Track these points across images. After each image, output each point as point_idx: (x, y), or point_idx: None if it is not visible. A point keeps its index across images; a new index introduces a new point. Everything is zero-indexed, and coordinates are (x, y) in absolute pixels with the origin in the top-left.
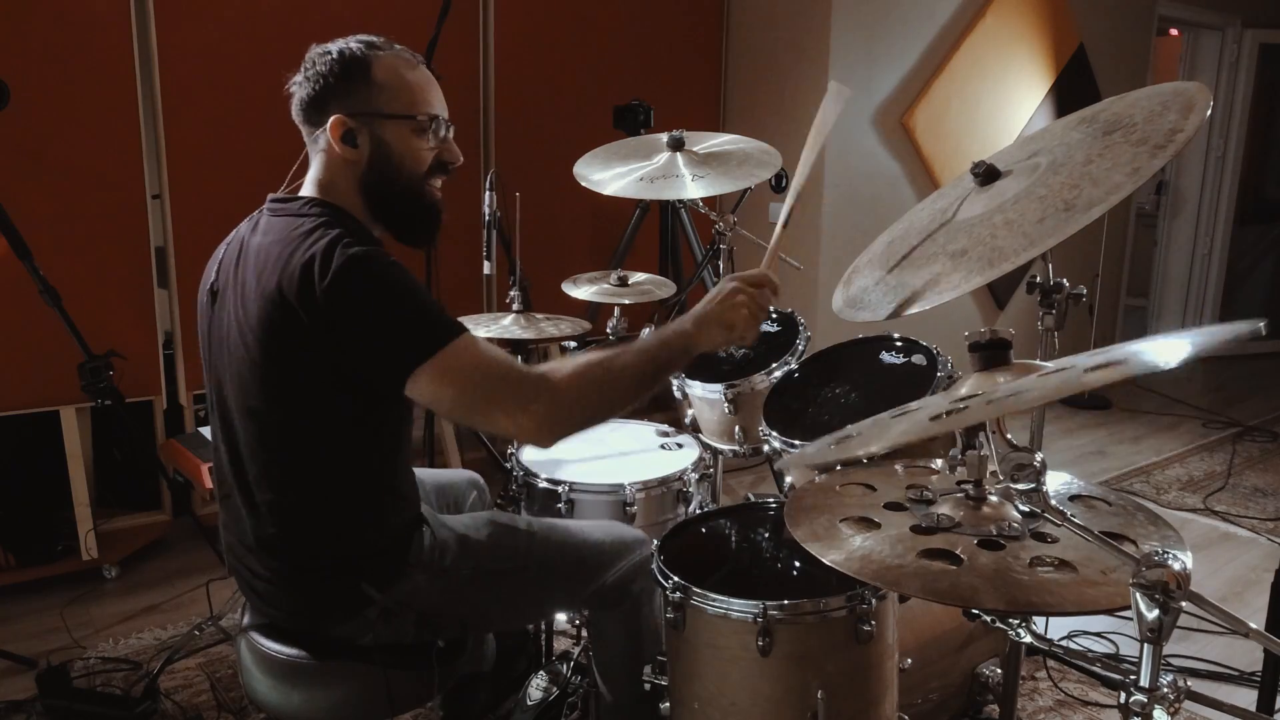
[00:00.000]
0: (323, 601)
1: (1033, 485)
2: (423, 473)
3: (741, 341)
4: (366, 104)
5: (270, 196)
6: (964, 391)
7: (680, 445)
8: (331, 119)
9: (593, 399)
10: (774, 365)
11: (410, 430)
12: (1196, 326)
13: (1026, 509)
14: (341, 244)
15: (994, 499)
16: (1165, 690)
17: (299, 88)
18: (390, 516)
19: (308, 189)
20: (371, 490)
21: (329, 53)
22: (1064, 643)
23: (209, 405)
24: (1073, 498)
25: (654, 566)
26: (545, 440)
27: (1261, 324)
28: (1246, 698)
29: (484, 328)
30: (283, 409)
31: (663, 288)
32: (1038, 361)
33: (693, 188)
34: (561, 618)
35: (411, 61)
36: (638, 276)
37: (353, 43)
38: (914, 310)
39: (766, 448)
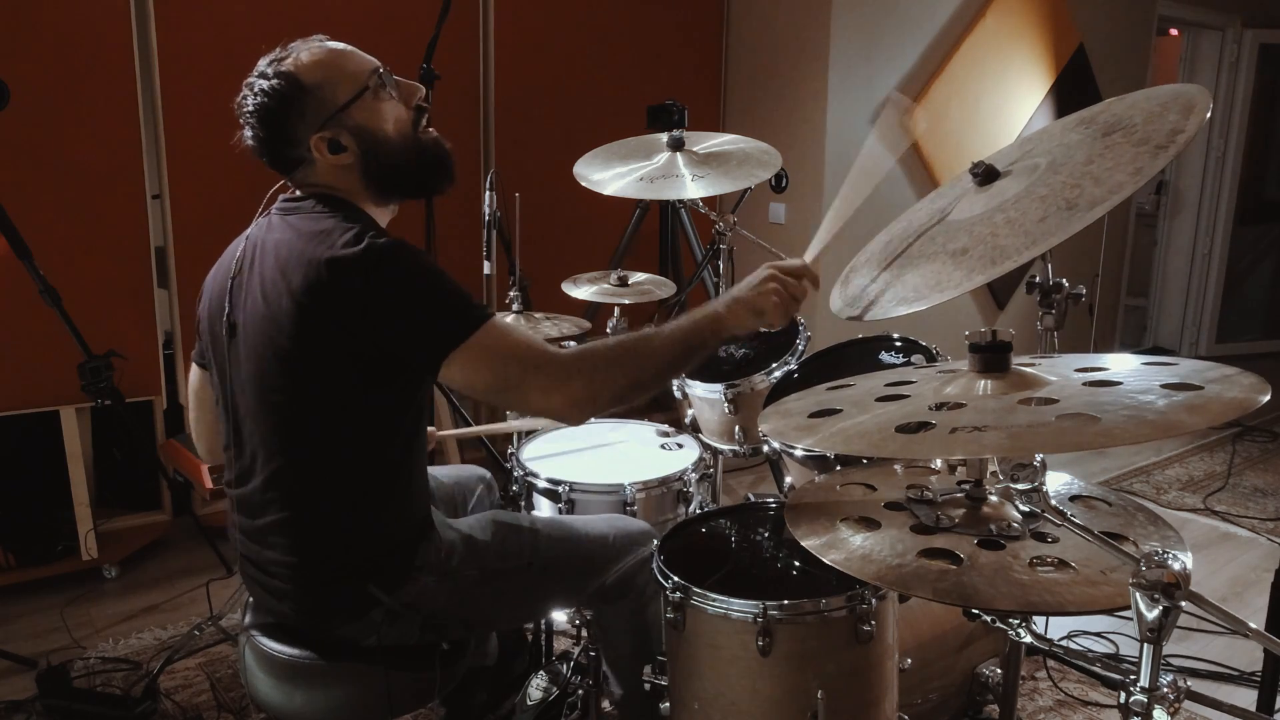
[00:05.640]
0: (330, 601)
1: (1032, 485)
2: (432, 470)
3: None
4: (323, 110)
5: (282, 197)
6: (961, 398)
7: (680, 445)
8: (312, 142)
9: (622, 379)
10: (774, 365)
11: (425, 433)
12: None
13: (1026, 509)
14: (369, 236)
15: (994, 499)
16: (1165, 690)
17: (254, 142)
18: (402, 518)
19: (313, 190)
20: (386, 491)
21: (257, 98)
22: (1064, 643)
23: (220, 403)
24: (1073, 498)
25: (654, 566)
26: (575, 418)
27: None
28: (1246, 698)
29: None
30: (307, 402)
31: (663, 288)
32: (1039, 374)
33: (693, 188)
34: (561, 618)
35: (318, 44)
36: (638, 276)
37: (264, 71)
38: (905, 310)
39: (766, 448)
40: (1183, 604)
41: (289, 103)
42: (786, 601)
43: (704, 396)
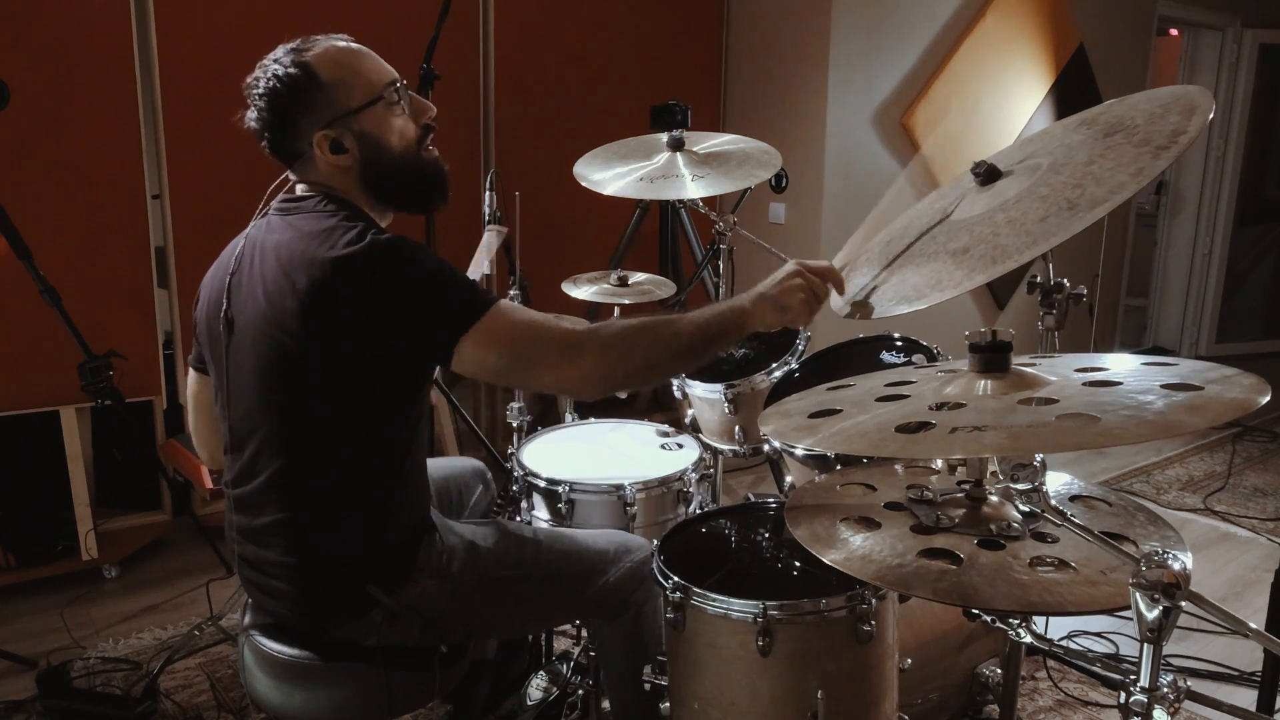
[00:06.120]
0: (330, 602)
1: (1032, 485)
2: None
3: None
4: (333, 109)
5: (281, 195)
6: (961, 398)
7: (680, 445)
8: (315, 139)
9: (638, 359)
10: (774, 365)
11: (424, 434)
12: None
13: (1026, 509)
14: (371, 233)
15: (994, 499)
16: (1165, 690)
17: (257, 124)
18: (401, 519)
19: (312, 189)
20: (386, 492)
21: (269, 80)
22: (1064, 643)
23: (218, 403)
24: (1073, 498)
25: (654, 566)
26: (589, 393)
27: None
28: (1246, 698)
29: None
30: (310, 402)
31: (663, 288)
32: (1039, 374)
33: (693, 188)
34: None
35: (342, 44)
36: (638, 276)
37: (282, 58)
38: (906, 309)
39: (766, 448)
40: (1183, 604)
41: (300, 94)
42: (786, 601)
43: (704, 396)
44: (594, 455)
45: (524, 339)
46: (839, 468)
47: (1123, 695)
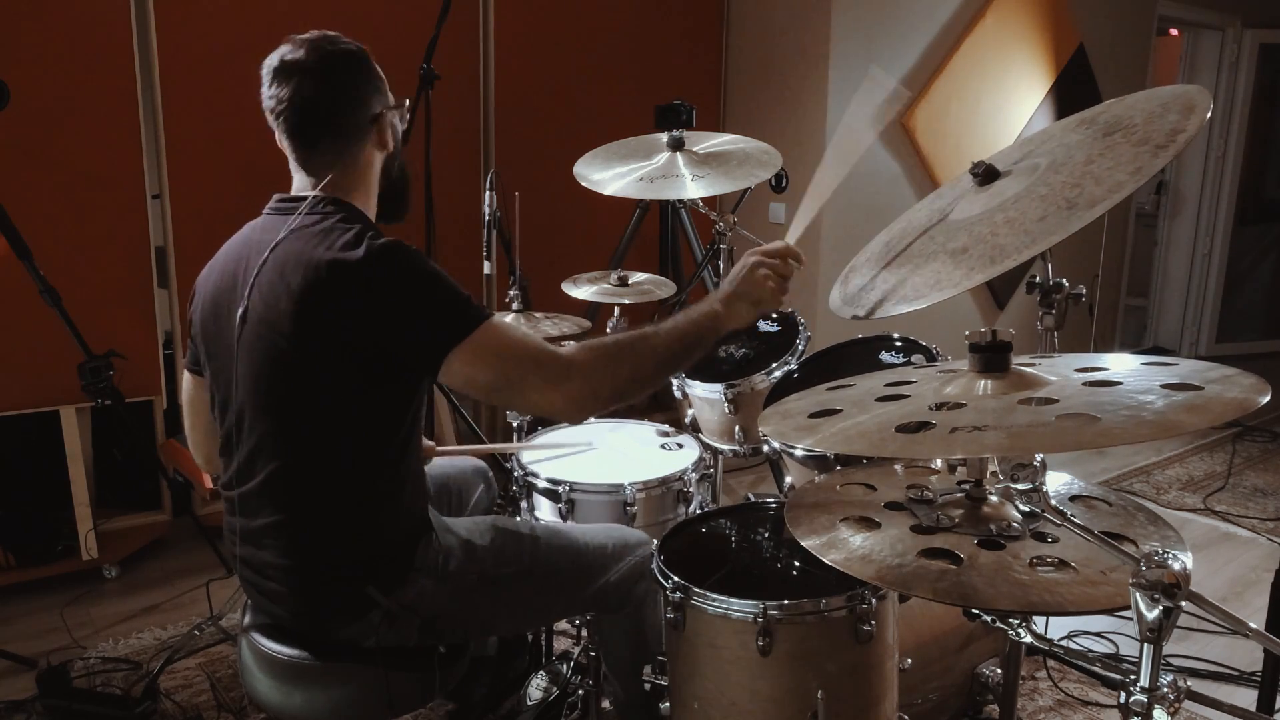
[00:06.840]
0: (328, 603)
1: (1032, 485)
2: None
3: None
4: (384, 98)
5: (276, 196)
6: (961, 397)
7: (680, 445)
8: (385, 114)
9: (623, 377)
10: (774, 365)
11: (421, 433)
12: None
13: (1026, 509)
14: (368, 236)
15: (994, 499)
16: (1165, 690)
17: (313, 90)
18: (398, 520)
19: (309, 189)
20: (383, 492)
21: (329, 53)
22: (1064, 643)
23: (216, 405)
24: (1073, 498)
25: (654, 566)
26: (576, 416)
27: None
28: (1246, 698)
29: None
30: (305, 403)
31: (663, 287)
32: (1039, 374)
33: (693, 188)
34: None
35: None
36: (638, 276)
37: (323, 41)
38: (905, 309)
39: (766, 448)
40: (1183, 604)
41: (363, 70)
42: (786, 601)
43: (704, 396)
44: (594, 455)
45: (513, 359)
46: (839, 468)
47: (1123, 695)
